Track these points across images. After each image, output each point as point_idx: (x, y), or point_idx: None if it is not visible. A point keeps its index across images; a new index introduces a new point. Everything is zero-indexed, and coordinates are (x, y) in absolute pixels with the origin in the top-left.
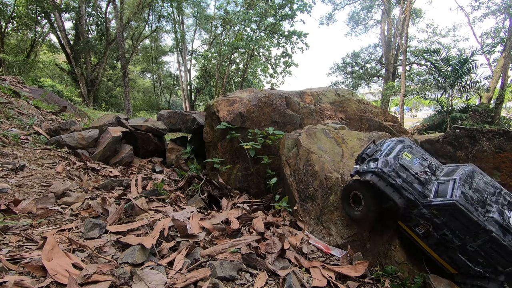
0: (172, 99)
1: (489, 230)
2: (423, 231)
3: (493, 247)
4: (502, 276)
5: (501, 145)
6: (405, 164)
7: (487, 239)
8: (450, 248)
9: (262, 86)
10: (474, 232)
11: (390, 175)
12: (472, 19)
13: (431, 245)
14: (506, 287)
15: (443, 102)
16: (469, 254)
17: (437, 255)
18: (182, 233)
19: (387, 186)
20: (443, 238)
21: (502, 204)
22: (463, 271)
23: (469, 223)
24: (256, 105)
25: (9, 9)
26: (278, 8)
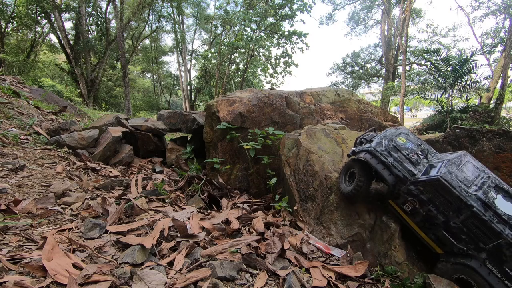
0: (172, 99)
1: (470, 205)
2: (411, 208)
3: (475, 223)
4: (483, 253)
5: (501, 145)
6: (398, 146)
7: (469, 214)
8: (435, 225)
9: (262, 86)
10: (457, 207)
11: (382, 154)
12: (472, 19)
13: (418, 223)
14: (488, 264)
15: (443, 102)
16: (452, 231)
17: (423, 234)
18: (182, 233)
19: (378, 163)
20: (428, 215)
21: (489, 186)
22: (447, 250)
23: (452, 198)
24: (256, 105)
25: (9, 9)
26: (278, 8)
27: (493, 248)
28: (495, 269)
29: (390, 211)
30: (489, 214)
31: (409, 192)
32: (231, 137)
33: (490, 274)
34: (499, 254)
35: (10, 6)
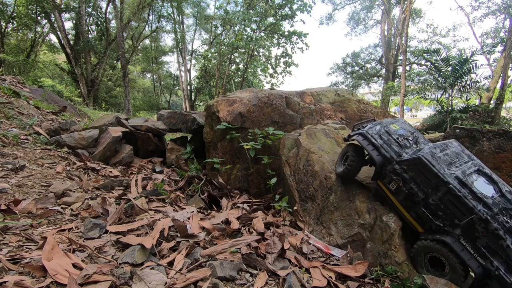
0: (172, 99)
1: (447, 182)
2: (395, 187)
3: (451, 199)
4: (458, 229)
5: (501, 145)
6: (389, 131)
7: (446, 190)
8: (416, 203)
9: (262, 86)
10: (435, 184)
11: (373, 136)
12: (472, 19)
13: (401, 201)
14: (462, 240)
15: (443, 102)
16: (431, 208)
17: (406, 212)
18: (182, 233)
19: (368, 144)
20: (410, 193)
21: (469, 168)
22: (426, 227)
23: (431, 176)
24: (256, 105)
25: (9, 9)
26: (278, 8)
27: (466, 224)
28: (468, 245)
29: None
30: (464, 191)
31: (394, 171)
32: (231, 137)
33: (463, 250)
34: (472, 230)
35: (10, 6)
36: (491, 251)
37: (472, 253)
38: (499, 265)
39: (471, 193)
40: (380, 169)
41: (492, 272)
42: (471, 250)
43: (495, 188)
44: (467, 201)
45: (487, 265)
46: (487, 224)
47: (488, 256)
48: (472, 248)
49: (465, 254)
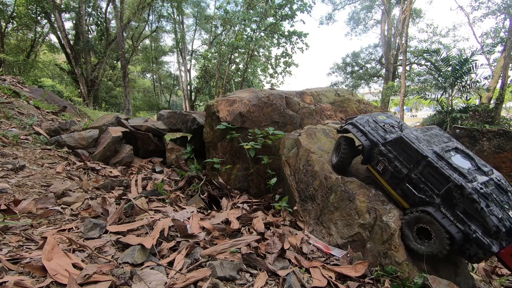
0: (172, 99)
1: (426, 156)
2: (382, 167)
3: (430, 172)
4: (438, 198)
5: (501, 145)
6: (376, 120)
7: (425, 163)
8: (400, 180)
9: (262, 86)
10: (416, 160)
11: (362, 124)
12: (472, 19)
13: (388, 180)
14: (442, 209)
15: (443, 102)
16: (414, 182)
17: (393, 190)
18: (182, 233)
19: (357, 131)
20: (395, 170)
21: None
22: (410, 202)
23: (412, 152)
24: (256, 105)
25: (9, 9)
26: (278, 8)
27: (445, 193)
28: (448, 212)
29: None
30: (441, 163)
31: (380, 153)
32: (231, 137)
33: (443, 218)
34: (450, 198)
35: (10, 6)
36: (469, 216)
37: (452, 220)
38: (476, 228)
39: (448, 164)
40: (368, 153)
41: (470, 236)
42: (450, 217)
43: (471, 163)
44: (444, 171)
45: (465, 230)
46: (462, 190)
47: (466, 221)
48: (451, 215)
49: (446, 221)
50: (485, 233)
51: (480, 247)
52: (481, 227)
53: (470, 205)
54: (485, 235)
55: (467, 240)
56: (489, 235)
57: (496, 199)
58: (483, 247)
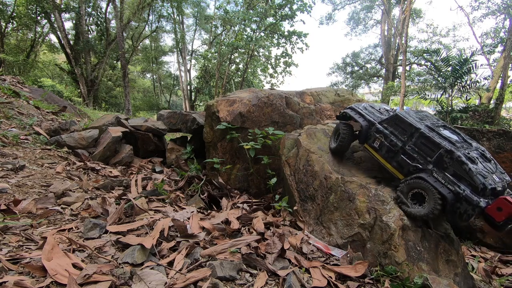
0: (172, 99)
1: (419, 128)
2: (378, 143)
3: (423, 141)
4: (430, 165)
5: (501, 145)
6: (373, 106)
7: (418, 135)
8: (396, 153)
9: (262, 86)
10: (410, 133)
11: (360, 108)
12: (472, 19)
13: (384, 155)
14: (434, 174)
15: (443, 102)
16: (408, 153)
17: (388, 164)
18: (182, 233)
19: (356, 114)
20: (391, 144)
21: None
22: (405, 172)
23: (406, 126)
24: (256, 105)
25: (9, 9)
26: (278, 8)
27: (436, 159)
28: (439, 176)
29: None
30: (432, 133)
31: (377, 130)
32: (231, 137)
33: (436, 181)
34: (441, 163)
35: (10, 6)
36: (458, 177)
37: (443, 182)
38: (465, 188)
39: (438, 134)
40: (365, 132)
41: (460, 195)
42: (442, 180)
43: (458, 137)
44: (435, 139)
45: (456, 190)
46: (452, 154)
47: (456, 182)
48: (442, 178)
49: (438, 184)
50: (473, 192)
51: (469, 204)
52: (470, 187)
53: (459, 167)
54: (473, 193)
55: (457, 199)
56: (477, 192)
57: (482, 163)
58: (472, 203)
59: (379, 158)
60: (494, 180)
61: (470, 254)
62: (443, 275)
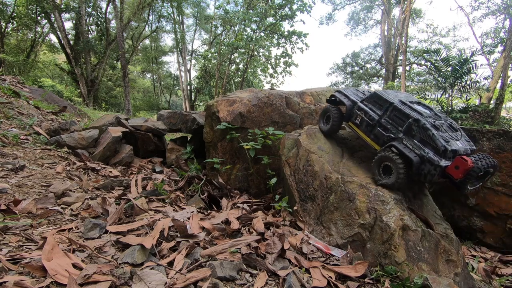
0: (172, 99)
1: (392, 102)
2: (359, 119)
3: (395, 114)
4: (401, 133)
5: (501, 145)
6: (357, 89)
7: (392, 108)
8: (373, 126)
9: (262, 86)
10: (386, 108)
11: (346, 90)
12: (472, 19)
13: (364, 130)
14: (404, 141)
15: (443, 102)
16: (383, 125)
17: (367, 137)
18: (182, 233)
19: (342, 95)
20: (369, 119)
21: (412, 99)
22: (381, 143)
23: (383, 102)
24: (256, 105)
25: (9, 9)
26: (278, 8)
27: (406, 128)
28: (408, 143)
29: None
30: (404, 106)
31: (358, 108)
32: (231, 137)
33: (405, 148)
34: (410, 131)
35: (10, 6)
36: (423, 142)
37: (411, 148)
38: (429, 151)
39: (409, 107)
40: (350, 111)
41: (424, 157)
42: (410, 146)
43: (430, 111)
44: (405, 111)
45: (421, 153)
46: (419, 122)
47: (421, 147)
48: (410, 145)
49: (407, 149)
50: (436, 154)
51: (431, 164)
52: (433, 150)
53: (424, 133)
54: (435, 155)
55: (422, 161)
56: (439, 154)
57: (446, 131)
58: (434, 163)
59: (360, 133)
60: (456, 145)
61: (470, 254)
62: (443, 275)
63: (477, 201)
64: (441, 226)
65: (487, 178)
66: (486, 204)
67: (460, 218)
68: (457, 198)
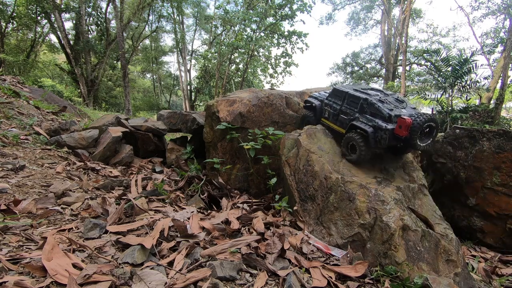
0: (172, 99)
1: (347, 91)
2: (327, 113)
3: (350, 100)
4: (357, 113)
5: (501, 145)
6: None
7: (348, 96)
8: (337, 114)
9: (262, 86)
10: (343, 97)
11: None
12: (472, 19)
13: (331, 120)
14: (359, 119)
15: (443, 102)
16: (344, 111)
17: (334, 125)
18: (182, 233)
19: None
20: (333, 110)
21: (366, 88)
22: (344, 126)
23: (340, 93)
24: (256, 105)
25: (9, 9)
26: (278, 8)
27: (359, 107)
28: (362, 119)
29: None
30: (356, 92)
31: (325, 104)
32: (231, 137)
33: (361, 123)
34: (362, 109)
35: (10, 6)
36: (373, 115)
37: (366, 122)
38: (378, 120)
39: (360, 91)
40: (320, 110)
41: (376, 126)
42: (365, 121)
43: (380, 93)
44: (356, 95)
45: (373, 124)
46: (367, 100)
47: (372, 119)
48: (365, 120)
49: (362, 124)
50: (383, 121)
51: (381, 130)
52: (381, 119)
53: (372, 107)
54: (383, 122)
55: (375, 130)
56: (386, 121)
57: (391, 103)
58: (383, 128)
59: (329, 123)
60: (400, 111)
61: (470, 254)
62: (443, 275)
63: (477, 201)
64: (441, 226)
65: (434, 134)
66: (486, 204)
67: (460, 218)
68: (457, 198)
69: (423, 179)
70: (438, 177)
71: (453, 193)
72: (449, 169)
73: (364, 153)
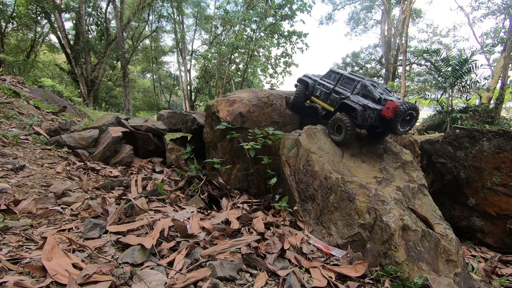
0: (172, 99)
1: (342, 74)
2: (318, 92)
3: (345, 80)
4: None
5: (501, 145)
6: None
7: (344, 77)
8: (329, 93)
9: (262, 86)
10: (338, 78)
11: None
12: (472, 19)
13: (322, 98)
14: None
15: (443, 102)
16: (336, 91)
17: (324, 103)
18: (182, 233)
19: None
20: (326, 89)
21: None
22: (334, 104)
23: (336, 74)
24: (256, 105)
25: (9, 9)
26: (278, 8)
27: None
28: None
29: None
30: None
31: (319, 84)
32: (231, 137)
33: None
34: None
35: (10, 6)
36: (365, 96)
37: (356, 101)
38: (369, 102)
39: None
40: (312, 87)
41: (365, 105)
42: (355, 100)
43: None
44: (353, 77)
45: (363, 103)
46: (359, 82)
47: (363, 100)
48: (356, 99)
49: (353, 103)
50: (373, 103)
51: (370, 109)
52: (372, 100)
53: (365, 89)
54: (373, 103)
55: (364, 109)
56: (375, 102)
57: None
58: (372, 108)
59: (319, 102)
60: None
61: (470, 254)
62: (443, 275)
63: (477, 201)
64: (441, 226)
65: (413, 122)
66: (486, 204)
67: (460, 218)
68: (457, 198)
69: (423, 179)
70: (438, 177)
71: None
72: (449, 169)
73: (349, 133)
